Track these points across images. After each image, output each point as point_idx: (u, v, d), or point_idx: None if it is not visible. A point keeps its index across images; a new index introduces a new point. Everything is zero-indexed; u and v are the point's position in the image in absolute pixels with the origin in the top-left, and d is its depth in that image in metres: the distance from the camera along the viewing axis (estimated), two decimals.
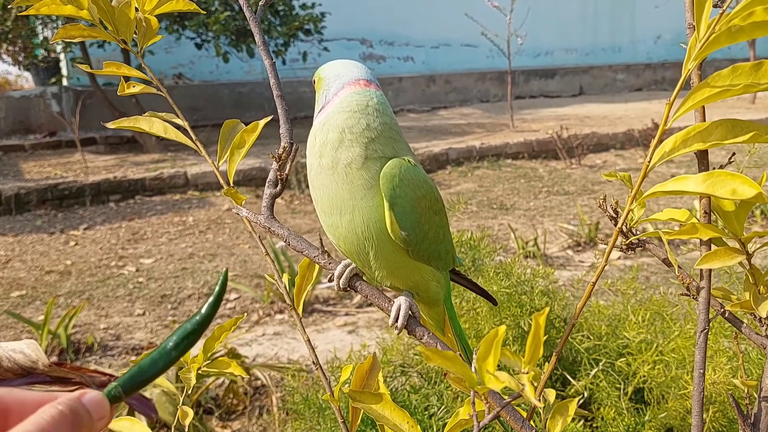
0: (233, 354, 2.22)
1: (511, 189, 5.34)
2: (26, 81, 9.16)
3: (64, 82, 7.41)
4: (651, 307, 1.53)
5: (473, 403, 0.48)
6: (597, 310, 1.64)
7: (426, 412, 1.42)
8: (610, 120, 7.76)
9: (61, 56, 7.48)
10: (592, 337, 1.51)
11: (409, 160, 0.70)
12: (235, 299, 3.24)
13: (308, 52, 7.31)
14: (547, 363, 1.45)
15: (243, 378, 2.28)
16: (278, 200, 5.19)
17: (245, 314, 0.95)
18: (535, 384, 0.47)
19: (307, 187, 4.70)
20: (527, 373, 0.45)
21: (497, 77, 9.72)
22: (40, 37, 6.77)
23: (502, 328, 0.47)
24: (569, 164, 6.05)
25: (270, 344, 2.73)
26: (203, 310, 0.51)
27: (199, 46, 6.47)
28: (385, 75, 9.24)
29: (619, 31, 10.90)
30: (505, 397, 0.77)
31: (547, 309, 0.45)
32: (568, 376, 1.49)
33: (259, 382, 2.32)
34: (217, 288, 0.54)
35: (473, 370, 0.48)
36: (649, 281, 3.13)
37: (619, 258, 3.59)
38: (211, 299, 0.52)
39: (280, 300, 3.10)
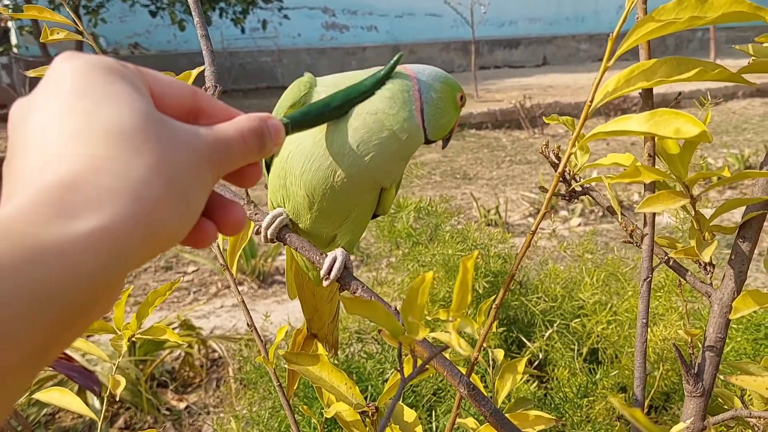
0: (187, 326, 2.17)
1: (475, 159, 5.33)
2: None
3: (15, 52, 7.12)
4: (606, 268, 1.52)
5: (399, 356, 0.44)
6: (553, 274, 1.64)
7: (381, 377, 1.40)
8: (573, 89, 7.79)
9: (10, 24, 7.18)
10: (547, 299, 1.50)
11: None
12: (193, 272, 3.17)
13: (268, 20, 7.14)
14: (496, 323, 1.43)
15: (199, 350, 2.23)
16: None
17: (181, 280, 0.90)
18: (464, 334, 0.43)
19: None
20: (453, 320, 0.41)
21: (461, 47, 9.66)
22: None
23: (429, 274, 0.43)
24: (532, 134, 6.06)
25: (228, 316, 2.68)
26: (366, 81, 0.52)
27: (153, 14, 6.26)
28: (348, 45, 9.10)
29: (583, 1, 10.90)
30: (448, 357, 0.75)
31: (477, 252, 0.41)
32: (524, 339, 1.48)
33: (216, 354, 2.28)
34: (388, 65, 0.55)
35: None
36: (608, 246, 3.16)
37: (579, 225, 3.61)
38: (380, 72, 0.53)
39: (240, 272, 3.05)
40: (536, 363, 1.46)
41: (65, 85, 0.31)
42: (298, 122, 0.46)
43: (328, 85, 0.62)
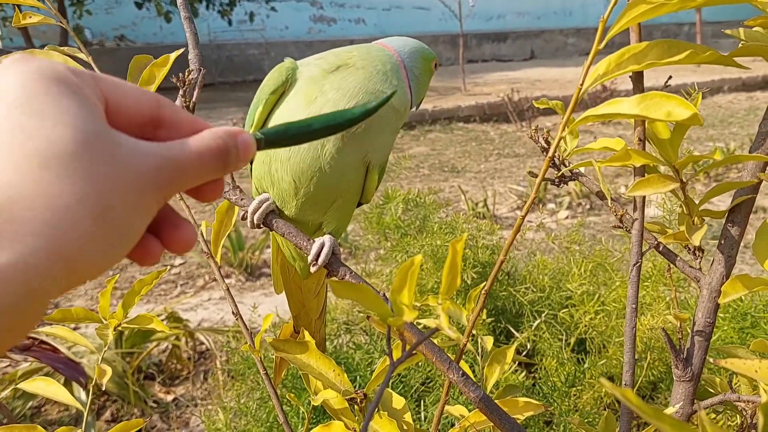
0: (174, 318, 2.16)
1: (463, 152, 5.33)
2: None
3: None
4: (594, 258, 1.53)
5: (388, 339, 0.44)
6: (541, 265, 1.64)
7: (369, 368, 1.40)
8: (561, 83, 7.81)
9: None
10: (535, 290, 1.50)
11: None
12: (180, 265, 3.15)
13: (255, 12, 7.09)
14: (485, 312, 1.43)
15: (186, 342, 2.22)
16: None
17: (167, 270, 0.89)
18: (453, 321, 0.43)
19: None
20: (441, 303, 0.41)
21: (450, 40, 9.65)
22: None
23: (419, 257, 0.43)
24: (520, 127, 6.07)
25: (216, 309, 2.67)
26: (355, 111, 0.50)
27: (139, 6, 6.20)
28: (336, 38, 9.06)
29: None
30: (437, 344, 0.74)
31: (465, 235, 0.41)
32: (512, 329, 1.49)
33: (204, 347, 2.27)
34: (381, 99, 0.54)
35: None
36: (595, 238, 3.17)
37: (567, 218, 3.62)
38: (370, 105, 0.51)
39: (227, 264, 3.03)
40: (524, 353, 1.46)
41: (5, 95, 0.29)
42: (273, 139, 0.44)
43: (310, 65, 0.62)
